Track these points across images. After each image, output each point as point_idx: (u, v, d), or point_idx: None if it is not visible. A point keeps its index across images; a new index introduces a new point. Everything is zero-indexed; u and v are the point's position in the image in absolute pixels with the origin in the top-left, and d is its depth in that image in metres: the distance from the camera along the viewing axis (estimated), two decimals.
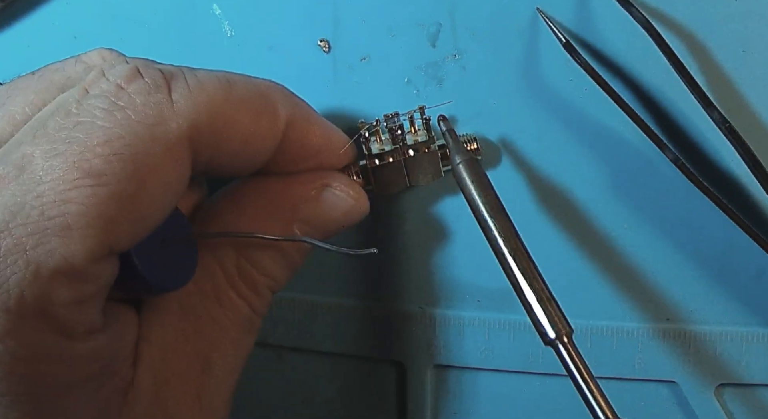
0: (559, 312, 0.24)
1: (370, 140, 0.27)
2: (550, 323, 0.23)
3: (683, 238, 0.29)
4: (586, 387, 0.22)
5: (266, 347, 0.33)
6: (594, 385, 0.22)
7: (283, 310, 0.32)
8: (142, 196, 0.20)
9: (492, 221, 0.25)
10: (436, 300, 0.31)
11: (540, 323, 0.23)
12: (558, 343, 0.23)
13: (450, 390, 0.32)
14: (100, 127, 0.20)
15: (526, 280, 0.24)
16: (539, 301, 0.24)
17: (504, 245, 0.24)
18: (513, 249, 0.24)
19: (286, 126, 0.25)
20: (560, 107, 0.28)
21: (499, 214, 0.25)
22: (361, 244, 0.31)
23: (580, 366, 0.23)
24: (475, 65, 0.29)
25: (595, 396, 0.22)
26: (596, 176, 0.29)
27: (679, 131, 0.28)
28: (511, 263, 0.24)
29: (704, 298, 0.29)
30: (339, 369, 0.33)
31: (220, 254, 0.25)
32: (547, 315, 0.23)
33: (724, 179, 0.28)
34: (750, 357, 0.29)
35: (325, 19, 0.29)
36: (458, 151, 0.26)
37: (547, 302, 0.24)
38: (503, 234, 0.24)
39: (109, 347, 0.21)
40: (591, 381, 0.23)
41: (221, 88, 0.23)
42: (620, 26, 0.27)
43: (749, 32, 0.26)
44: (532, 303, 0.24)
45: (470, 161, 0.26)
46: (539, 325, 0.23)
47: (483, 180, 0.25)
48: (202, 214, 0.27)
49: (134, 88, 0.21)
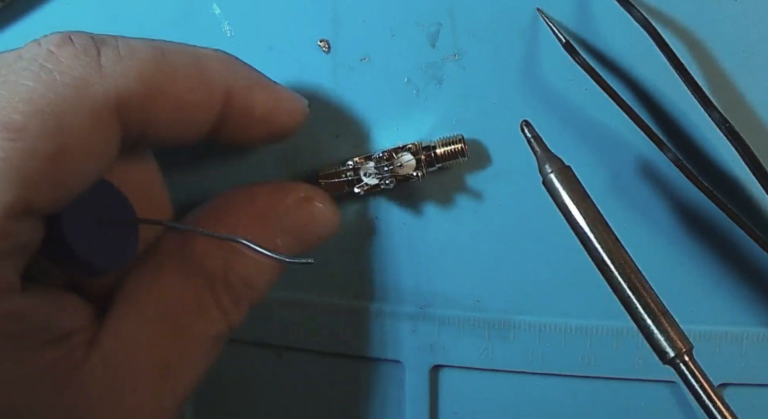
0: (677, 327, 0.22)
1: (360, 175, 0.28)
2: (668, 340, 0.22)
3: (683, 238, 0.29)
4: (713, 406, 0.22)
5: (266, 347, 0.33)
6: (722, 403, 0.22)
7: (283, 310, 0.32)
8: (64, 157, 0.20)
9: (594, 234, 0.23)
10: (436, 300, 0.31)
11: (658, 341, 0.22)
12: (679, 362, 0.22)
13: (450, 390, 0.32)
14: (24, 85, 0.20)
15: (635, 296, 0.22)
16: (654, 318, 0.22)
17: (609, 259, 0.23)
18: (619, 264, 0.23)
19: (226, 95, 0.24)
20: (560, 107, 0.28)
21: (600, 226, 0.23)
22: (362, 243, 0.31)
23: (704, 385, 0.22)
24: (475, 65, 0.29)
25: (724, 414, 0.22)
26: (596, 175, 0.29)
27: (679, 131, 0.28)
28: (619, 278, 0.23)
29: (704, 298, 0.29)
30: (339, 369, 0.33)
31: (208, 264, 0.25)
32: (664, 332, 0.22)
33: (723, 179, 0.28)
34: (750, 357, 0.29)
35: (325, 19, 0.29)
36: (547, 160, 0.24)
37: (663, 317, 0.22)
38: (606, 248, 0.23)
39: (27, 314, 0.21)
40: (718, 399, 0.22)
41: (153, 56, 0.23)
42: (620, 26, 0.27)
43: (749, 32, 0.26)
44: (648, 320, 0.22)
45: (562, 169, 0.24)
46: (657, 343, 0.22)
47: (579, 190, 0.24)
48: (191, 220, 0.27)
49: (63, 52, 0.21)
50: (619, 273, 0.23)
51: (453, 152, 0.28)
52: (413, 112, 0.30)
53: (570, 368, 0.30)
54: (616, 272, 0.23)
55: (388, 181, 0.29)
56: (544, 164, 0.24)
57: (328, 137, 0.30)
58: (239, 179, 0.31)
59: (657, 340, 0.22)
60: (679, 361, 0.22)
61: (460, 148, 0.28)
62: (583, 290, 0.30)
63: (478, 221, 0.30)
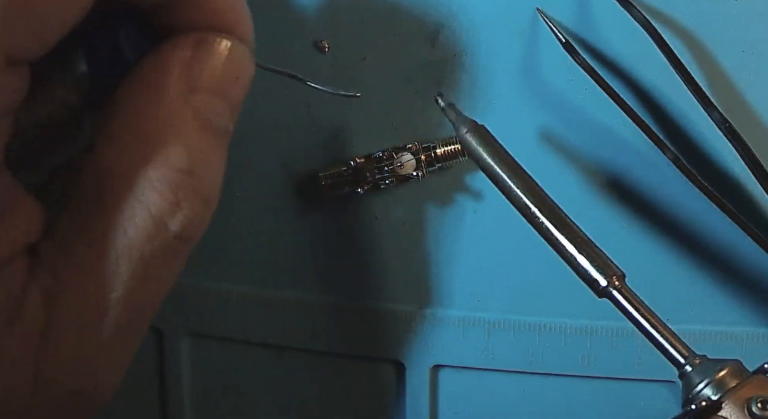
0: (605, 257, 0.22)
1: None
2: (598, 269, 0.22)
3: (683, 238, 0.29)
4: (654, 330, 0.21)
5: (266, 347, 0.33)
6: (662, 326, 0.21)
7: (283, 310, 0.32)
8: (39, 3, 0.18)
9: (512, 181, 0.23)
10: (436, 300, 0.31)
11: (587, 271, 0.22)
12: (612, 289, 0.22)
13: (450, 390, 0.32)
14: None
15: (560, 230, 0.22)
16: (580, 248, 0.22)
17: (531, 202, 0.23)
18: (541, 205, 0.23)
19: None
20: (560, 107, 0.28)
21: (518, 172, 0.24)
22: (362, 243, 0.31)
23: (641, 310, 0.21)
24: (475, 65, 0.29)
25: (666, 337, 0.21)
26: (596, 175, 0.29)
27: (679, 130, 0.28)
28: (539, 216, 0.23)
29: (704, 298, 0.29)
30: (339, 369, 0.33)
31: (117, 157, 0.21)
32: (592, 261, 0.22)
33: (723, 179, 0.28)
34: (749, 357, 0.29)
35: (325, 19, 0.29)
36: (462, 121, 0.25)
37: (588, 247, 0.22)
38: (527, 192, 0.23)
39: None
40: (657, 322, 0.21)
41: None
42: (620, 26, 0.27)
43: (749, 32, 0.26)
44: (573, 253, 0.22)
45: (476, 127, 0.25)
46: (586, 274, 0.22)
47: (493, 143, 0.24)
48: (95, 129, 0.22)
49: None
50: (542, 214, 0.23)
51: (453, 152, 0.28)
52: (413, 112, 0.30)
53: (570, 368, 0.30)
54: (539, 213, 0.23)
55: (388, 181, 0.29)
56: (459, 126, 0.25)
57: (328, 137, 0.30)
58: (240, 178, 0.32)
59: (587, 271, 0.22)
60: (612, 289, 0.22)
61: (460, 148, 0.28)
62: (583, 291, 0.29)
63: (478, 221, 0.30)
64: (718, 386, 0.20)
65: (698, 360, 0.21)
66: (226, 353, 0.34)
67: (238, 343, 0.33)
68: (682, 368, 0.21)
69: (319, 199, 0.31)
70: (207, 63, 0.21)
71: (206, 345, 0.34)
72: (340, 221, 0.31)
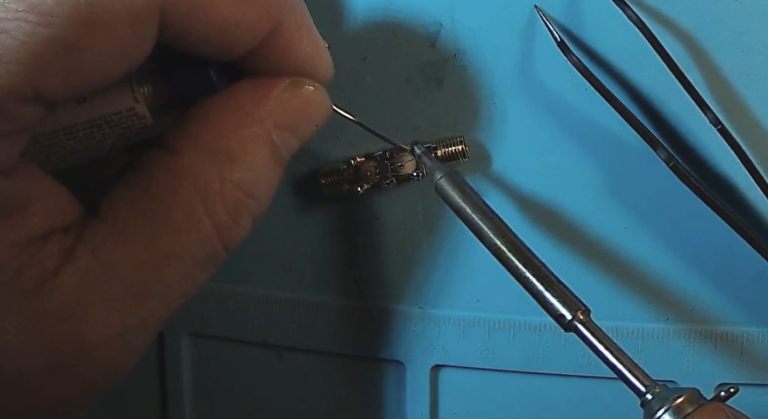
0: (571, 294, 0.24)
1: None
2: (564, 304, 0.23)
3: (682, 238, 0.29)
4: (617, 361, 0.23)
5: (266, 347, 0.33)
6: (624, 358, 0.23)
7: (283, 310, 0.32)
8: (88, 52, 0.19)
9: (483, 223, 0.25)
10: (436, 300, 0.31)
11: (553, 307, 0.23)
12: (577, 323, 0.23)
13: (450, 390, 0.32)
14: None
15: (529, 270, 0.24)
16: (547, 286, 0.24)
17: (500, 242, 0.25)
18: (510, 244, 0.25)
19: (275, 26, 0.22)
20: (560, 107, 0.28)
21: (488, 216, 0.25)
22: (362, 243, 0.31)
23: (605, 343, 0.23)
24: (475, 65, 0.29)
25: (628, 367, 0.23)
26: (595, 176, 0.29)
27: (673, 131, 0.28)
28: (510, 257, 0.24)
29: (704, 298, 0.29)
30: (339, 369, 0.33)
31: (201, 175, 0.23)
32: (558, 298, 0.23)
33: (717, 180, 0.28)
34: (750, 357, 0.29)
35: (325, 19, 0.29)
36: (436, 168, 0.26)
37: (555, 285, 0.24)
38: (497, 233, 0.25)
39: (9, 198, 0.20)
40: (620, 354, 0.23)
41: None
42: (615, 26, 0.27)
43: (746, 32, 0.27)
44: (541, 290, 0.24)
45: (450, 174, 0.26)
46: (553, 309, 0.23)
47: (465, 189, 0.26)
48: (175, 135, 0.24)
49: None
50: (512, 253, 0.25)
51: (453, 154, 0.29)
52: (413, 112, 0.30)
53: (570, 368, 0.30)
54: (509, 253, 0.25)
55: (388, 181, 0.29)
56: (434, 172, 0.26)
57: (328, 137, 0.30)
58: None
59: (554, 306, 0.23)
60: (577, 322, 0.23)
61: (460, 149, 0.28)
62: (583, 291, 0.29)
63: None
64: (676, 412, 0.22)
65: (658, 389, 0.22)
66: (226, 353, 0.34)
67: (238, 343, 0.33)
68: (643, 396, 0.23)
69: (319, 199, 0.31)
70: (296, 104, 0.24)
71: (206, 345, 0.34)
72: (340, 221, 0.31)
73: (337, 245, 0.31)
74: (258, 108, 0.23)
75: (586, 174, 0.29)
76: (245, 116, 0.23)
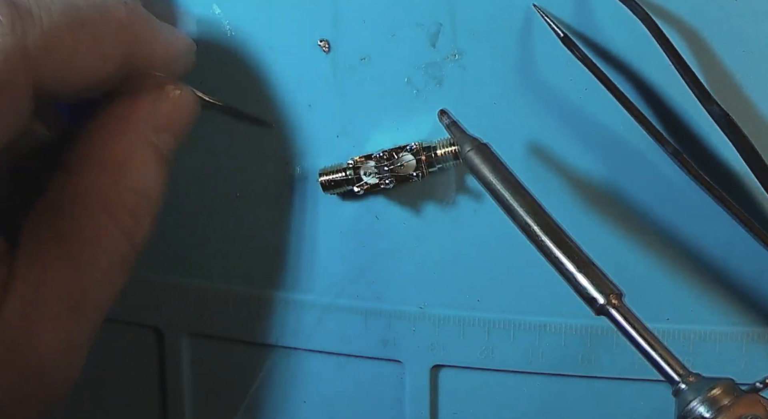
0: (604, 276, 0.22)
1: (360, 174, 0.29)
2: (596, 287, 0.22)
3: (683, 237, 0.29)
4: (650, 348, 0.22)
5: (266, 347, 0.33)
6: (658, 345, 0.22)
7: (283, 310, 0.32)
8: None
9: (513, 199, 0.24)
10: (436, 300, 0.31)
11: (585, 289, 0.22)
12: (609, 308, 0.22)
13: (450, 390, 0.32)
14: None
15: (560, 250, 0.23)
16: (579, 267, 0.22)
17: (531, 220, 0.23)
18: (541, 222, 0.23)
19: (129, 59, 0.24)
20: (561, 106, 0.28)
21: (520, 191, 0.24)
22: (362, 243, 0.31)
23: (638, 328, 0.22)
24: (475, 65, 0.29)
25: (662, 354, 0.22)
26: (596, 175, 0.29)
27: (679, 125, 0.28)
28: (541, 235, 0.23)
29: (704, 298, 0.29)
30: (339, 368, 0.33)
31: (98, 187, 0.25)
32: (591, 280, 0.22)
33: (724, 174, 0.28)
34: (750, 357, 0.29)
35: (325, 19, 0.29)
36: (465, 139, 0.25)
37: (587, 266, 0.22)
38: (527, 209, 0.24)
39: None
40: (654, 341, 0.22)
41: (70, 20, 0.22)
42: (619, 21, 0.27)
43: (750, 29, 0.26)
44: (573, 271, 0.22)
45: (480, 146, 0.25)
46: (585, 292, 0.22)
47: (496, 162, 0.25)
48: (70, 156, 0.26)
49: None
50: (543, 233, 0.23)
51: (454, 154, 0.28)
52: (413, 112, 0.30)
53: (570, 368, 0.30)
54: (540, 232, 0.23)
55: (388, 181, 0.29)
56: (463, 145, 0.25)
57: (328, 137, 0.30)
58: (239, 178, 0.32)
59: (586, 289, 0.22)
60: (610, 307, 0.22)
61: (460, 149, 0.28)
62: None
63: (478, 221, 0.30)
64: (711, 404, 0.21)
65: (692, 378, 0.21)
66: (226, 353, 0.34)
67: (238, 343, 0.33)
68: (676, 385, 0.22)
69: (319, 199, 0.31)
70: (165, 107, 0.26)
71: (206, 345, 0.34)
72: (340, 221, 0.31)
73: (337, 245, 0.31)
74: (134, 118, 0.26)
75: (587, 173, 0.29)
76: (124, 126, 0.25)
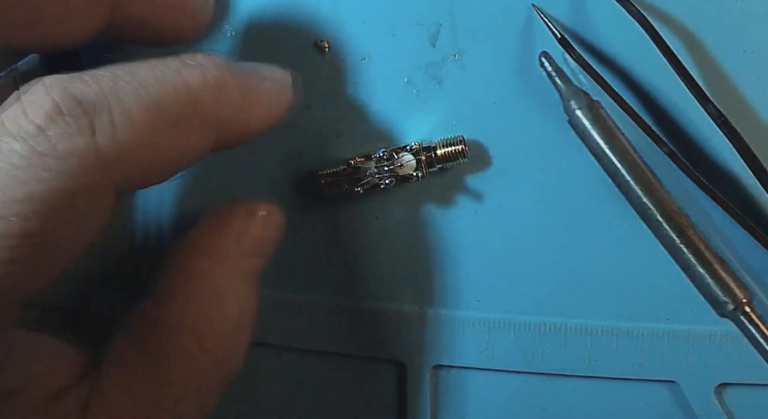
0: (732, 276, 0.20)
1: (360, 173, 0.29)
2: (725, 291, 0.20)
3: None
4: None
5: (266, 347, 0.33)
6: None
7: (283, 310, 0.32)
8: (59, 248, 0.20)
9: (630, 177, 0.21)
10: (436, 300, 0.31)
11: (715, 292, 0.20)
12: (739, 314, 0.20)
13: (450, 390, 0.32)
14: (17, 178, 0.18)
15: (684, 243, 0.20)
16: (705, 266, 0.20)
17: (652, 204, 0.21)
18: (662, 210, 0.20)
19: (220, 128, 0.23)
20: (560, 106, 0.28)
21: (638, 169, 0.21)
22: (362, 243, 0.31)
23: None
24: (475, 65, 0.29)
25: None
26: (595, 174, 0.29)
27: (675, 125, 0.28)
28: (662, 223, 0.21)
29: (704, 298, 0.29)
30: (339, 369, 0.33)
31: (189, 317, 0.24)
32: (718, 282, 0.20)
33: (720, 175, 0.28)
34: (750, 357, 0.29)
35: (325, 19, 0.29)
36: (571, 94, 0.22)
37: (716, 266, 0.20)
38: (646, 191, 0.21)
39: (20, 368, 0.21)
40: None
41: (150, 118, 0.20)
42: (616, 22, 0.27)
43: (747, 29, 0.26)
44: (702, 271, 0.20)
45: (590, 105, 0.21)
46: (715, 294, 0.20)
47: (609, 126, 0.21)
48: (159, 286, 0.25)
49: (55, 132, 0.19)
50: (664, 219, 0.20)
51: (454, 154, 0.28)
52: (413, 112, 0.30)
53: (570, 368, 0.30)
54: (660, 218, 0.20)
55: (388, 181, 0.29)
56: (569, 100, 0.22)
57: (328, 137, 0.30)
58: (241, 180, 0.32)
59: (715, 291, 0.20)
60: (740, 314, 0.20)
61: (461, 149, 0.28)
62: (583, 290, 0.30)
63: (478, 221, 0.30)
64: None
65: None
66: None
67: None
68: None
69: (318, 199, 0.31)
70: (255, 230, 0.26)
71: None
72: (340, 221, 0.31)
73: (337, 245, 0.31)
74: (223, 243, 0.25)
75: (584, 172, 0.29)
76: (213, 252, 0.25)
